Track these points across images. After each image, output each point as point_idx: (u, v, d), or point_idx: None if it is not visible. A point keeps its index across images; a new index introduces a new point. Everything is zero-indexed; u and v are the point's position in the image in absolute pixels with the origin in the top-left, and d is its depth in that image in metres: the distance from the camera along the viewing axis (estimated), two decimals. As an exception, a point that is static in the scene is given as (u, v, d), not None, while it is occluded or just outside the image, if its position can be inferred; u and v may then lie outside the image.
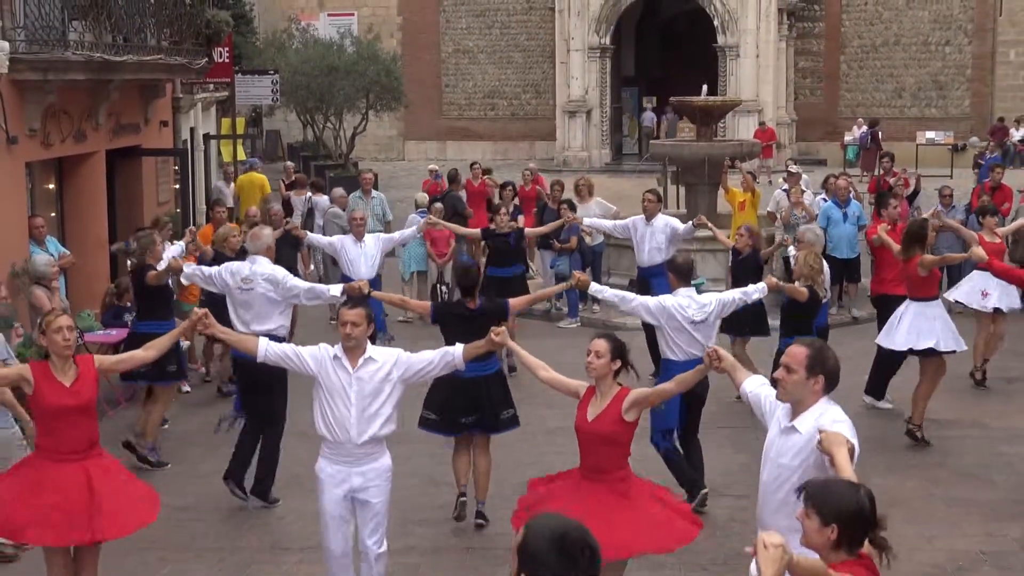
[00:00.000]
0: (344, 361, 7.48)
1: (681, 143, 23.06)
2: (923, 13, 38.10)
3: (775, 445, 5.96)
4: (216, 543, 9.47)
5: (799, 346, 5.91)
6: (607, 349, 7.19)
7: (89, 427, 7.42)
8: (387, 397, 7.50)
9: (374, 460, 7.55)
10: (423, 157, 39.90)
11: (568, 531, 3.62)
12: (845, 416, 5.79)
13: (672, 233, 14.17)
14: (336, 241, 14.49)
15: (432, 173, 22.99)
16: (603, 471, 7.16)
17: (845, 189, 17.51)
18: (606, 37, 38.11)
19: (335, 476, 7.54)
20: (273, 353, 7.72)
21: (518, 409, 9.98)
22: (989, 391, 13.63)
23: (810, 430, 5.70)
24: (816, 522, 4.65)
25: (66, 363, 7.37)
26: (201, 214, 22.53)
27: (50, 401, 7.25)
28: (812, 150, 37.87)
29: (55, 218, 16.14)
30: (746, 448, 11.20)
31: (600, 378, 7.21)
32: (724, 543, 9.12)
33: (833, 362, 5.87)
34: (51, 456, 7.31)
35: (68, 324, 7.40)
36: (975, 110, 37.95)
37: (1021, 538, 9.41)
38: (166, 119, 19.71)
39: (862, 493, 4.69)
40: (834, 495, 4.69)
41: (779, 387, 5.92)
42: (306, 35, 35.12)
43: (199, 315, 7.71)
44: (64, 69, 14.50)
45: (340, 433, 7.44)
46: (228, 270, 10.71)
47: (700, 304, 9.85)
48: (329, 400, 7.47)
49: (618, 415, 7.12)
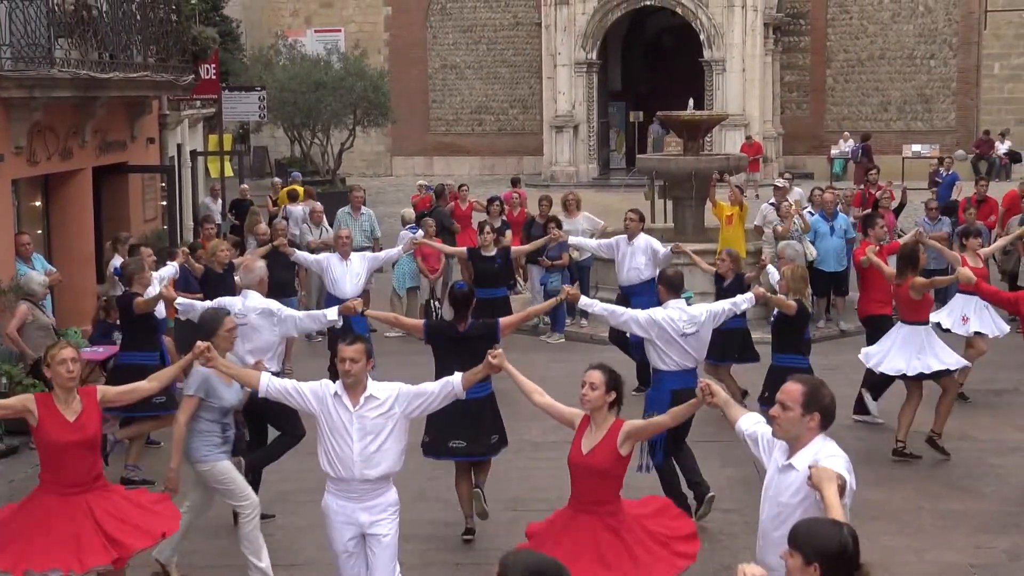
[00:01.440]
0: (345, 399, 7.36)
1: (668, 157, 23.08)
2: (908, 27, 38.27)
3: (774, 483, 5.94)
4: (206, 561, 9.44)
5: (794, 383, 5.89)
6: (602, 381, 7.14)
7: (92, 461, 7.40)
8: (390, 433, 7.38)
9: (379, 496, 7.46)
10: (411, 173, 39.94)
11: (544, 568, 3.60)
12: (841, 451, 5.78)
13: (652, 254, 14.29)
14: (323, 259, 14.48)
15: (421, 189, 22.98)
16: (595, 503, 7.12)
17: (832, 202, 17.55)
18: (593, 52, 38.19)
19: (341, 513, 7.46)
20: (275, 389, 7.63)
21: (507, 423, 9.96)
22: (977, 404, 13.62)
23: (807, 467, 5.69)
24: (799, 561, 4.65)
25: (70, 395, 7.32)
26: (188, 231, 22.49)
27: (54, 436, 7.21)
28: (798, 164, 37.96)
29: (41, 235, 16.09)
30: (735, 462, 11.19)
31: (595, 410, 7.18)
32: (713, 557, 9.10)
33: (829, 399, 5.85)
34: (54, 490, 7.28)
35: (72, 356, 7.32)
36: (961, 123, 38.10)
37: (1010, 550, 9.41)
38: (153, 136, 19.70)
39: (845, 532, 4.68)
40: (817, 534, 4.70)
41: (774, 424, 5.90)
42: (293, 51, 35.15)
43: (202, 348, 7.66)
44: (50, 86, 14.48)
45: (344, 471, 7.35)
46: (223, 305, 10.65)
47: (691, 316, 9.85)
48: (331, 438, 7.37)
49: (613, 448, 7.08)
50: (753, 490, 6.10)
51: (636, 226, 14.55)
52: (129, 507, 7.50)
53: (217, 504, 10.21)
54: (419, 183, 23.30)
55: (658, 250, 14.34)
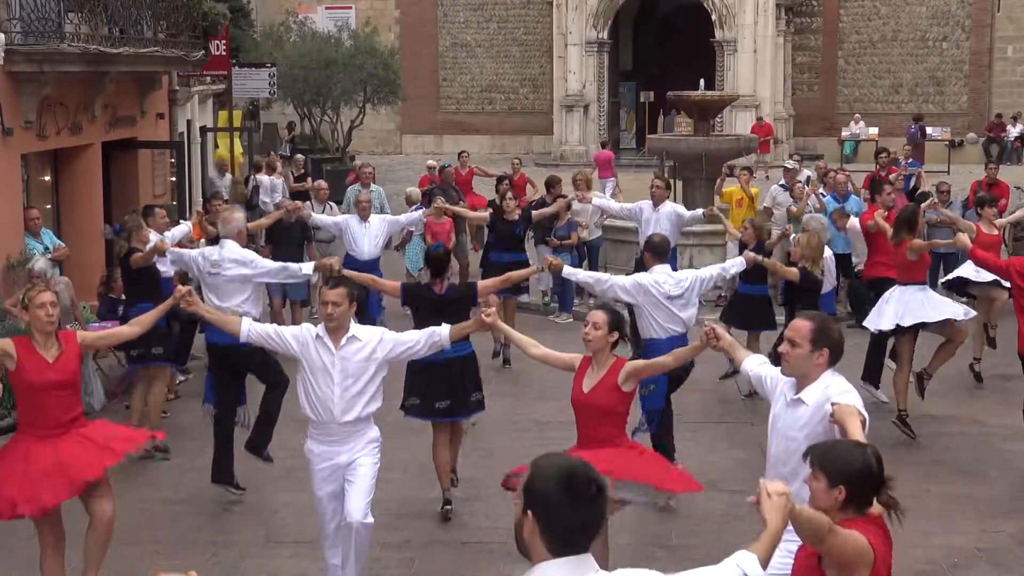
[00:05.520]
0: (327, 340, 7.45)
1: (678, 138, 23.02)
2: (921, 9, 38.09)
3: (782, 418, 5.95)
4: (210, 536, 9.45)
5: (803, 320, 5.91)
6: (605, 321, 7.23)
7: (72, 401, 7.44)
8: (371, 376, 7.48)
9: (360, 436, 7.54)
10: (420, 151, 39.86)
11: (575, 468, 3.62)
12: (851, 386, 5.79)
13: (678, 220, 14.32)
14: (341, 220, 14.63)
15: (430, 169, 22.81)
16: (601, 441, 7.18)
17: (843, 184, 17.50)
18: (603, 31, 38.06)
19: (323, 456, 7.53)
20: (256, 332, 7.73)
21: (514, 403, 9.97)
22: (985, 388, 13.61)
23: (817, 400, 5.70)
24: (824, 483, 4.65)
25: (49, 339, 7.37)
26: (198, 206, 22.49)
27: (33, 376, 7.24)
28: (809, 145, 37.82)
29: (51, 210, 16.11)
30: (742, 444, 11.19)
31: (597, 350, 7.24)
32: (720, 538, 9.10)
33: (837, 335, 5.88)
34: (34, 432, 7.31)
35: (51, 300, 7.39)
36: (972, 106, 37.94)
37: (1016, 535, 9.40)
38: (162, 111, 19.67)
39: (869, 452, 4.69)
40: (841, 456, 4.69)
41: (783, 361, 5.91)
42: (304, 28, 35.02)
43: (183, 292, 7.71)
44: (60, 61, 14.46)
45: (324, 413, 7.44)
46: (200, 253, 10.86)
47: (676, 279, 9.89)
48: (312, 380, 7.46)
49: (615, 385, 7.17)
50: (760, 472, 6.09)
51: (662, 193, 14.60)
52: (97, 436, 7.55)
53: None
54: (428, 163, 23.19)
55: (683, 214, 14.41)
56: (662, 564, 8.60)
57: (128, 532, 8.90)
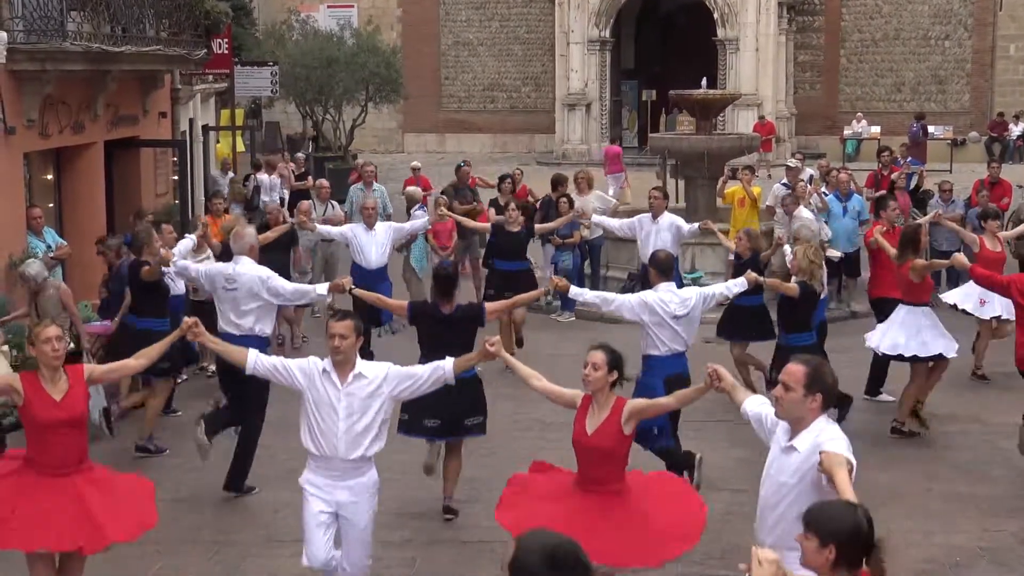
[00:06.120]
0: (333, 376, 7.37)
1: (680, 136, 23.01)
2: (923, 7, 38.06)
3: (775, 463, 5.97)
4: (211, 536, 9.45)
5: (797, 364, 5.90)
6: (604, 361, 7.17)
7: (79, 440, 7.31)
8: (376, 413, 7.40)
9: (360, 475, 7.47)
10: (422, 150, 39.85)
11: (560, 546, 3.61)
12: (841, 433, 5.80)
13: (677, 232, 14.28)
14: (347, 229, 14.57)
15: (414, 171, 22.39)
16: (601, 483, 7.16)
17: (846, 183, 17.48)
18: (606, 30, 38.04)
19: (321, 488, 7.46)
20: (262, 366, 7.66)
21: (515, 403, 9.95)
22: (988, 387, 13.60)
23: (808, 448, 5.72)
24: (815, 543, 4.66)
25: (56, 374, 7.24)
26: (200, 205, 22.49)
27: (40, 415, 7.12)
28: (811, 144, 37.79)
29: (53, 209, 16.11)
30: (743, 443, 11.15)
31: (597, 390, 7.20)
32: (720, 537, 9.09)
33: (831, 380, 5.87)
34: (40, 470, 7.18)
35: (57, 335, 7.24)
36: (975, 105, 37.92)
37: (1018, 533, 9.39)
38: (165, 110, 19.68)
39: (859, 513, 4.70)
40: (832, 516, 4.71)
41: (777, 405, 5.93)
42: (306, 27, 35.03)
43: (189, 324, 7.67)
44: (62, 59, 14.47)
45: (328, 448, 7.35)
46: (214, 270, 10.79)
47: (681, 299, 9.88)
48: (317, 415, 7.38)
49: (618, 428, 7.13)
50: (759, 472, 6.11)
51: (661, 204, 14.57)
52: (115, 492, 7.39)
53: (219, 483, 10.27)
54: (412, 164, 22.86)
55: (683, 227, 14.39)
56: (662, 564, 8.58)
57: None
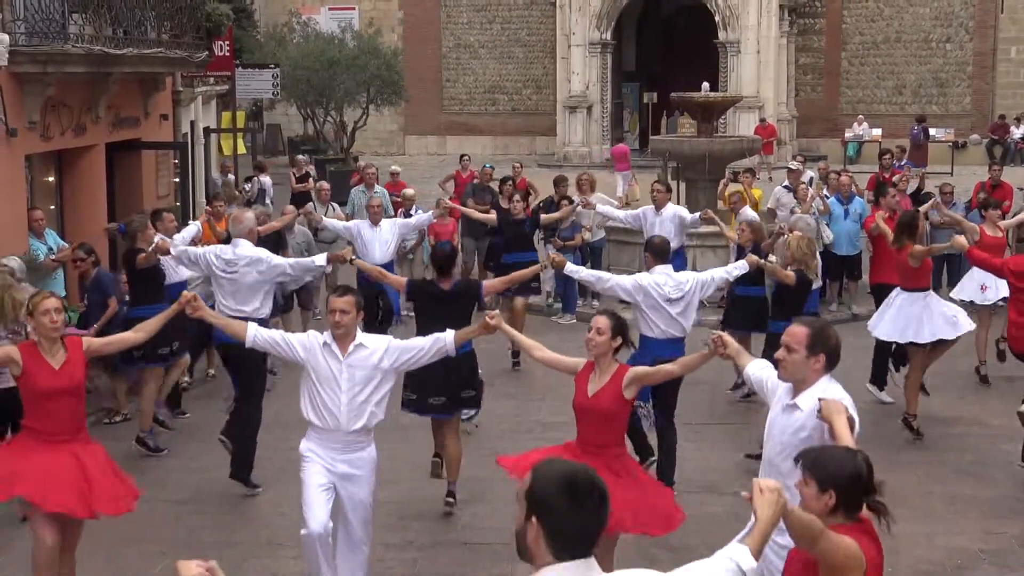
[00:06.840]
0: (334, 348, 7.45)
1: (682, 139, 23.02)
2: (924, 10, 38.07)
3: (777, 423, 5.99)
4: (213, 537, 9.45)
5: (800, 325, 5.92)
6: (608, 326, 7.23)
7: (78, 409, 7.45)
8: (377, 384, 7.49)
9: (361, 449, 7.55)
10: (424, 152, 39.89)
11: (577, 473, 3.61)
12: (846, 393, 5.80)
13: (680, 222, 14.42)
14: (352, 226, 14.62)
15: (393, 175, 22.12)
16: (601, 446, 7.20)
17: (847, 186, 17.49)
18: (607, 32, 38.04)
19: (322, 455, 7.52)
20: (262, 339, 7.71)
21: (517, 403, 9.97)
22: (989, 390, 13.60)
23: (811, 406, 5.72)
24: (814, 488, 4.67)
25: (54, 345, 7.38)
26: (201, 207, 22.49)
27: (40, 383, 7.25)
28: (812, 146, 37.81)
29: (54, 211, 16.10)
30: (744, 446, 11.17)
31: (600, 355, 7.24)
32: (722, 540, 9.04)
33: (834, 340, 5.89)
34: (40, 437, 7.30)
35: (56, 306, 7.39)
36: (976, 107, 37.93)
37: (1020, 536, 9.40)
38: (166, 112, 19.66)
39: (859, 458, 4.71)
40: (831, 461, 4.72)
41: (780, 367, 5.93)
42: (307, 29, 35.10)
43: (187, 298, 7.70)
44: (64, 62, 14.46)
45: (330, 420, 7.43)
46: (213, 252, 10.82)
47: (677, 282, 9.88)
48: (318, 387, 7.45)
49: (618, 392, 7.19)
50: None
51: (664, 197, 14.74)
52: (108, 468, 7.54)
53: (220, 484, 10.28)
54: (391, 168, 22.61)
55: (685, 217, 14.57)
56: (663, 565, 8.55)
57: (131, 532, 8.92)
